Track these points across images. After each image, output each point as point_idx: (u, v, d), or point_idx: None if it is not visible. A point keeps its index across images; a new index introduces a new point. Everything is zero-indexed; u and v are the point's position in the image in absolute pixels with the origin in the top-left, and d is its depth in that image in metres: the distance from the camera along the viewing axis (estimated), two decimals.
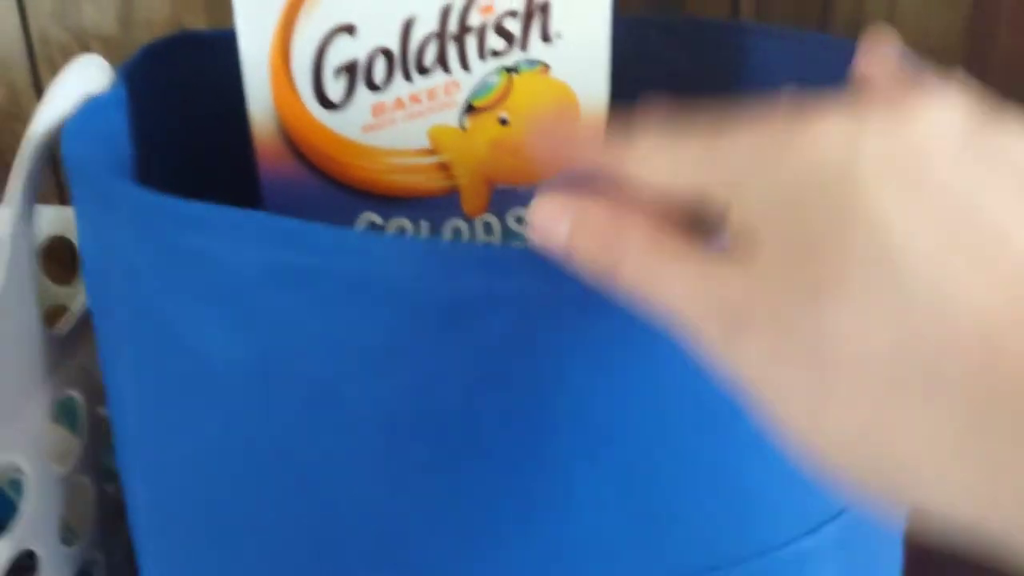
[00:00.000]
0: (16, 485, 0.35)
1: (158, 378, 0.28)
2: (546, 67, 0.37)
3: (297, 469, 0.28)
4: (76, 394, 0.36)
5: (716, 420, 0.27)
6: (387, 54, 0.36)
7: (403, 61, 0.36)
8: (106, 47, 0.69)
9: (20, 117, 0.71)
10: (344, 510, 0.28)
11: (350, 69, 0.36)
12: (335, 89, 0.37)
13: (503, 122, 0.38)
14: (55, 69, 0.69)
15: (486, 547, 0.28)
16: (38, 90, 0.70)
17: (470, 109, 0.37)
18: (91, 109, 0.33)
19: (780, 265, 0.19)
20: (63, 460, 0.36)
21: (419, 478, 0.27)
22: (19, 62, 0.69)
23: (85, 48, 0.69)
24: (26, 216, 0.31)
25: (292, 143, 0.38)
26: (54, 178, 0.73)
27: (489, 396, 0.26)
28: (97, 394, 0.37)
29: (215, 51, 0.47)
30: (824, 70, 0.37)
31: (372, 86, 0.37)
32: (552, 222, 0.22)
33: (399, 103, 0.37)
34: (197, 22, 0.68)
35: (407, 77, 0.37)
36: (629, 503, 0.28)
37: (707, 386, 0.26)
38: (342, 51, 0.36)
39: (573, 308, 0.24)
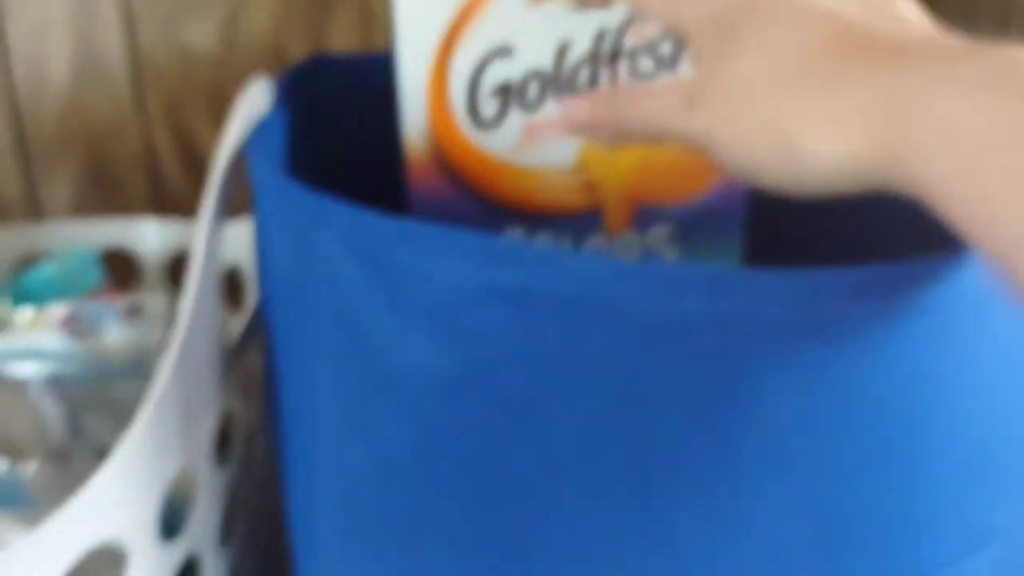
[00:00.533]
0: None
1: (354, 385, 0.29)
2: None
3: (489, 476, 0.29)
4: (237, 402, 0.37)
5: (895, 444, 0.28)
6: (541, 75, 0.37)
7: (556, 82, 0.38)
8: (208, 67, 0.70)
9: (123, 133, 0.72)
10: (534, 515, 0.29)
11: (505, 90, 0.38)
12: (489, 109, 0.38)
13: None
14: (159, 87, 0.71)
15: (672, 557, 0.29)
16: (141, 107, 0.72)
17: None
18: (265, 130, 0.35)
19: (710, 53, 0.28)
20: (223, 467, 0.37)
21: (611, 488, 0.28)
22: (123, 80, 0.71)
23: (188, 68, 0.71)
24: (217, 232, 0.33)
25: (443, 161, 0.39)
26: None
27: (689, 413, 0.26)
28: (251, 402, 0.38)
29: (346, 74, 0.48)
30: None
31: (525, 106, 0.38)
32: (575, 110, 0.32)
33: (549, 123, 0.38)
34: (297, 44, 0.70)
35: (559, 98, 0.38)
36: (810, 522, 0.28)
37: (888, 412, 0.27)
38: (498, 72, 0.37)
39: (782, 331, 0.25)
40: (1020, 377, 0.31)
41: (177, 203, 0.75)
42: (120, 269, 0.62)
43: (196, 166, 0.73)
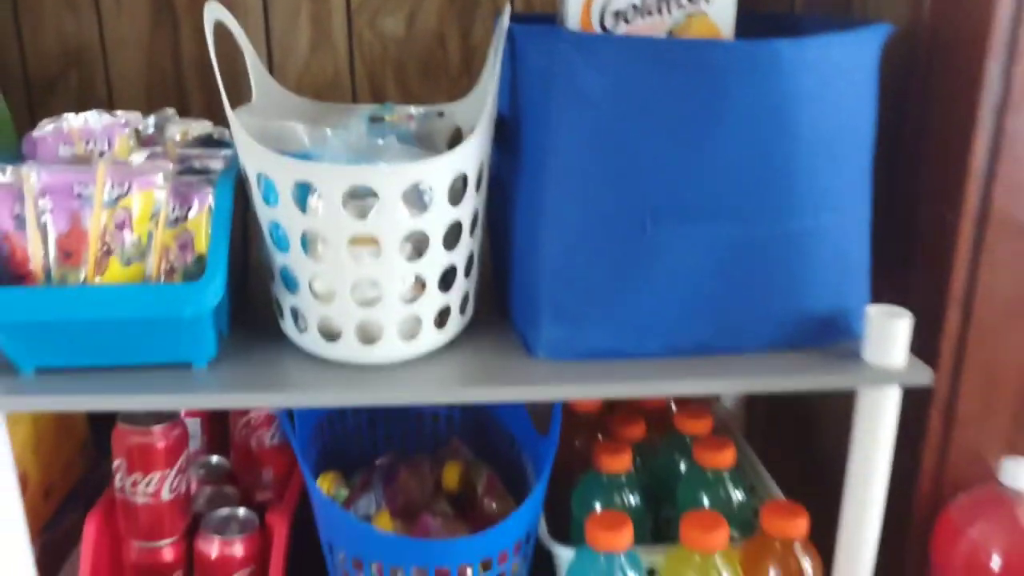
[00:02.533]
0: None
1: (572, 111, 0.70)
2: (706, 14, 0.80)
3: (632, 156, 0.70)
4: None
5: (789, 135, 0.69)
6: (636, 7, 0.80)
7: (642, 10, 0.80)
8: (396, 45, 1.12)
9: (339, 87, 1.13)
10: (652, 169, 0.70)
11: (617, 13, 0.80)
12: (610, 23, 0.80)
13: None
14: (363, 59, 1.12)
15: (699, 171, 0.69)
16: (352, 70, 1.13)
17: (670, 34, 0.80)
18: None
19: None
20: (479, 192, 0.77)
21: (678, 148, 0.69)
22: (342, 52, 1.12)
23: (383, 45, 1.12)
24: (498, 63, 0.74)
25: None
26: None
27: (707, 113, 0.68)
28: None
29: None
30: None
31: (626, 21, 0.80)
32: None
33: (638, 28, 0.80)
34: (452, 32, 1.12)
35: (643, 16, 0.80)
36: (753, 165, 0.69)
37: (791, 118, 0.69)
38: (614, 5, 0.79)
39: (749, 70, 0.67)
40: (855, 114, 0.73)
41: None
42: None
43: None
